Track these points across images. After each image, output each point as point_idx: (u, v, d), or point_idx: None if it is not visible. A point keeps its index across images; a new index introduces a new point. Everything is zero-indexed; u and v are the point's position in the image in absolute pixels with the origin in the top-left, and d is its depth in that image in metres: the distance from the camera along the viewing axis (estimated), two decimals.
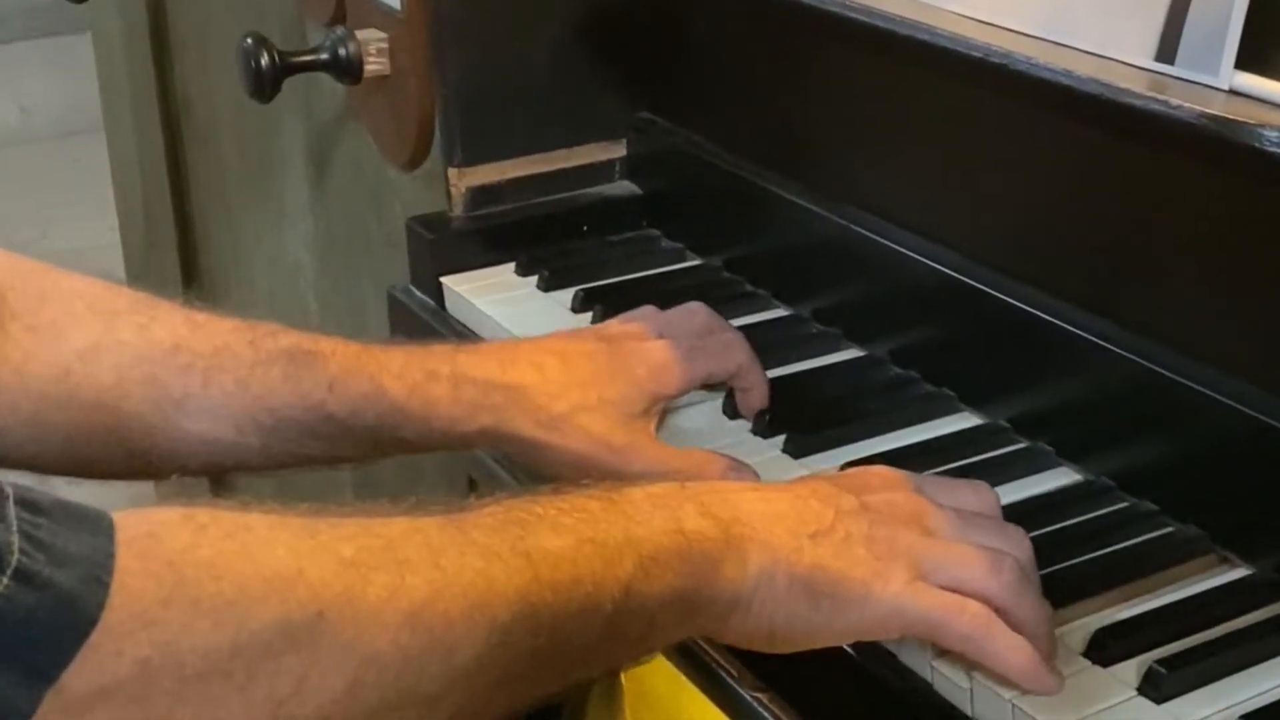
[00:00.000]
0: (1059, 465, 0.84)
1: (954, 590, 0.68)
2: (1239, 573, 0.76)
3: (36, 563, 0.52)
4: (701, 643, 0.83)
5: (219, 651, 0.55)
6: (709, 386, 0.91)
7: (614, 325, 0.91)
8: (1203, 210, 0.75)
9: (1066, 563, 0.76)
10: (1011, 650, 0.67)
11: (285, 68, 1.16)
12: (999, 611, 0.68)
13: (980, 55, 0.74)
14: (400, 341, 0.87)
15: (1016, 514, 0.80)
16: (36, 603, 0.51)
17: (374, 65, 1.16)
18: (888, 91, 0.92)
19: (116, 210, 2.04)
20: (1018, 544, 0.71)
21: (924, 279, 0.91)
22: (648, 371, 0.86)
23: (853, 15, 0.82)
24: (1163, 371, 0.78)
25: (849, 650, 0.74)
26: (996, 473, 0.83)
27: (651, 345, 0.87)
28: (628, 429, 0.84)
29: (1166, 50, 0.68)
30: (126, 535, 0.55)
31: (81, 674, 0.52)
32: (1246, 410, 0.74)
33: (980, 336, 0.88)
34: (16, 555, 0.52)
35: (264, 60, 1.15)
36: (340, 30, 1.17)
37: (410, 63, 1.14)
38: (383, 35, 1.16)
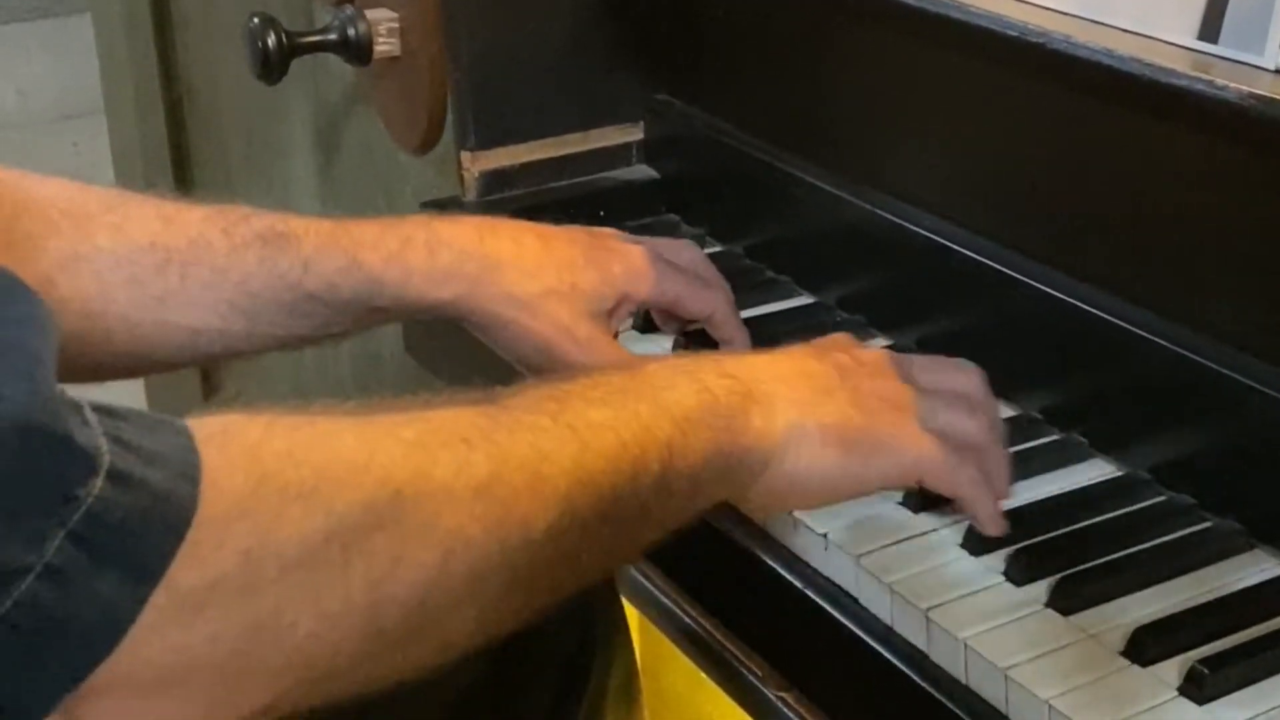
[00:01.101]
0: (1093, 458, 0.83)
1: (943, 431, 0.75)
2: None
3: (128, 463, 0.52)
4: (724, 641, 0.83)
5: (313, 536, 0.56)
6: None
7: (602, 228, 0.94)
8: (1247, 195, 0.74)
9: (1103, 559, 0.75)
10: (989, 504, 0.76)
11: (293, 49, 1.17)
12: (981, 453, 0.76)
13: (1016, 34, 0.73)
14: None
15: (1050, 507, 0.80)
16: (134, 502, 0.52)
17: (384, 46, 1.16)
18: (916, 71, 0.92)
19: None
20: (971, 374, 0.79)
21: (952, 265, 0.90)
22: (623, 270, 0.88)
23: None
24: (1201, 361, 0.77)
25: (878, 648, 0.74)
26: (1029, 465, 0.83)
27: (633, 249, 0.90)
28: (593, 322, 0.87)
29: (1210, 29, 0.67)
30: (203, 434, 0.56)
31: (188, 569, 0.53)
32: None
33: (1011, 325, 0.88)
34: (108, 456, 0.52)
35: (271, 41, 1.16)
36: (349, 10, 1.17)
37: (422, 43, 1.14)
38: (393, 15, 1.16)
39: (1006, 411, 0.88)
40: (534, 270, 0.86)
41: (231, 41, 1.40)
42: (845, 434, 0.72)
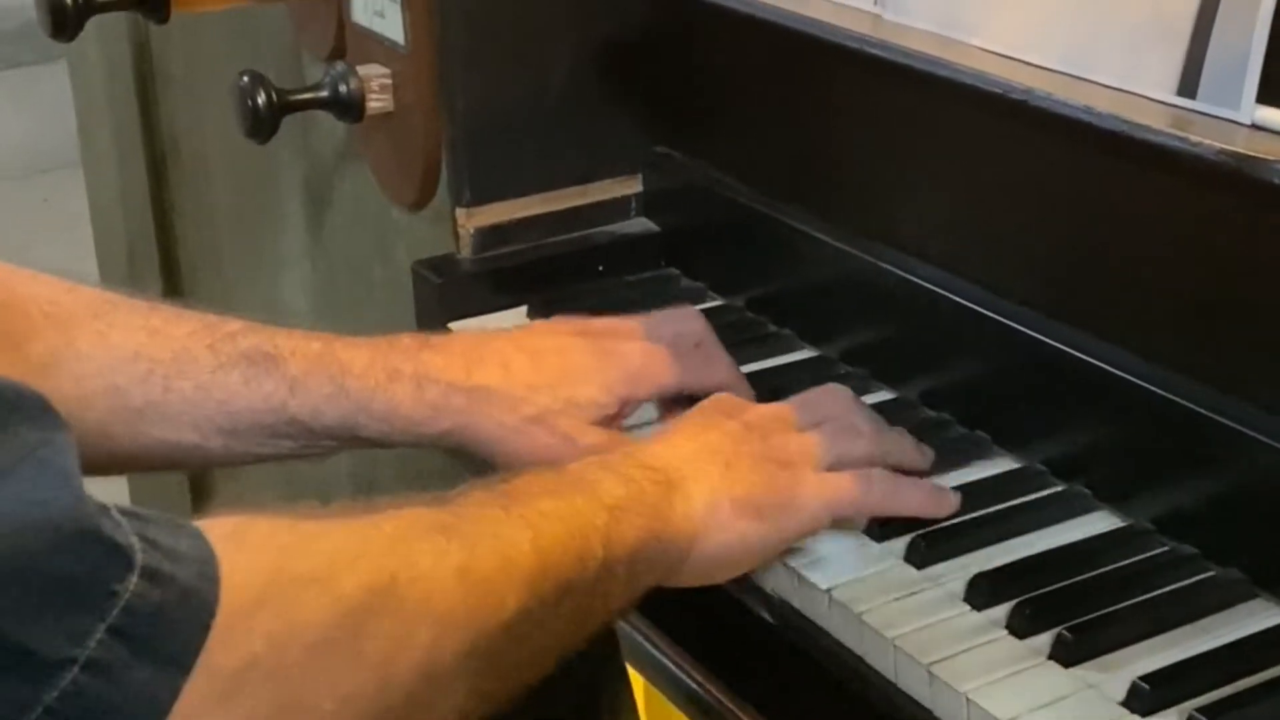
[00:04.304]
0: (1097, 509, 0.90)
1: (842, 461, 0.86)
2: None
3: (157, 560, 0.59)
4: (730, 704, 0.89)
5: (329, 618, 0.64)
6: None
7: (599, 320, 0.98)
8: (1235, 247, 0.81)
9: (1106, 609, 0.81)
10: (916, 494, 0.88)
11: (283, 106, 1.22)
12: (881, 456, 0.88)
13: (1000, 91, 0.80)
14: (363, 339, 0.95)
15: (1053, 559, 0.86)
16: (165, 596, 0.59)
17: (377, 102, 1.21)
18: (912, 125, 0.98)
19: (96, 255, 2.10)
20: (843, 395, 0.92)
21: (955, 317, 0.96)
22: (621, 376, 0.94)
23: (872, 50, 0.89)
24: (1201, 411, 0.83)
25: (881, 704, 0.81)
26: (1033, 517, 0.89)
27: (631, 347, 0.95)
28: (596, 431, 0.92)
29: (1188, 84, 0.74)
30: (217, 533, 0.63)
31: (224, 654, 0.60)
32: None
33: (1014, 377, 0.94)
34: (140, 554, 0.59)
35: (261, 99, 1.21)
36: (341, 66, 1.22)
37: (415, 99, 1.19)
38: (385, 71, 1.21)
39: (1010, 463, 0.95)
40: (525, 395, 0.92)
41: (217, 95, 1.46)
42: (753, 500, 0.83)
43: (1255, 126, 0.72)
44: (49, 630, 0.56)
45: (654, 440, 0.86)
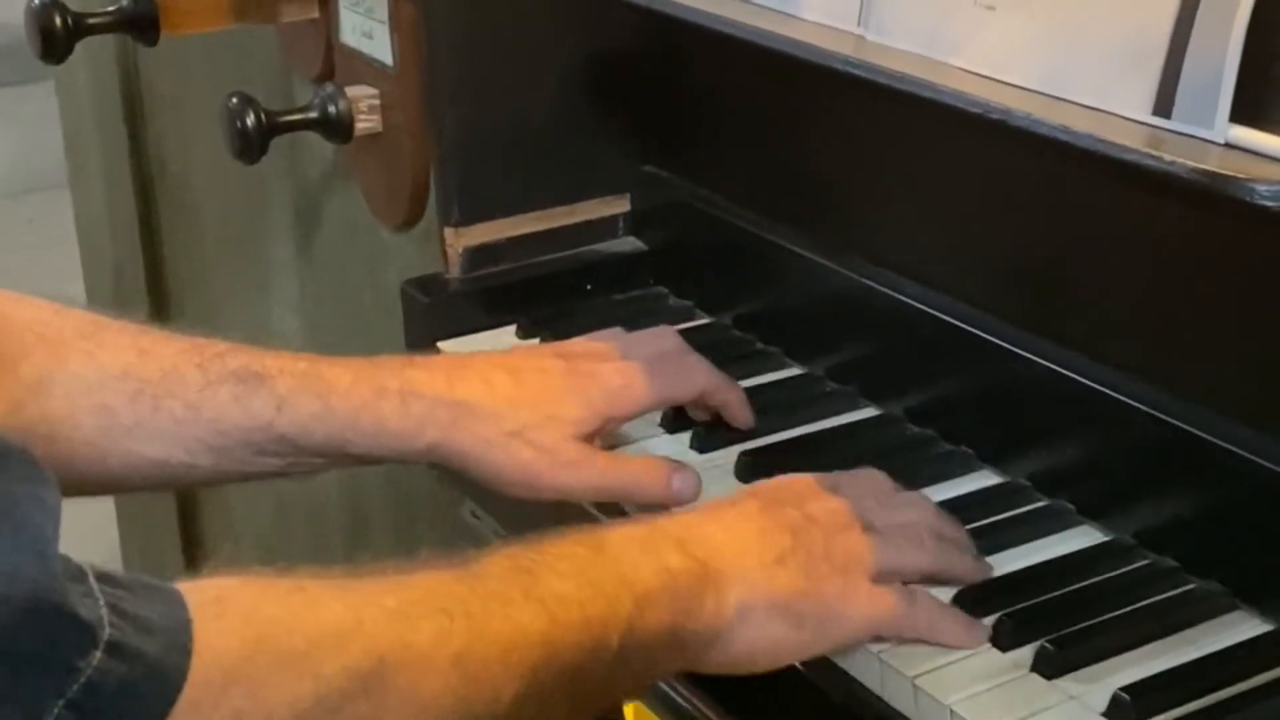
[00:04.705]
0: (1080, 523, 0.92)
1: (898, 573, 0.84)
2: (1262, 629, 0.83)
3: (125, 634, 0.61)
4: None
5: (303, 701, 0.65)
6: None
7: (576, 343, 1.01)
8: (1211, 264, 0.83)
9: (1088, 622, 0.83)
10: (953, 630, 0.83)
11: (272, 128, 1.24)
12: (939, 573, 0.85)
13: (980, 111, 0.83)
14: (348, 358, 0.96)
15: (1037, 573, 0.88)
16: (128, 672, 0.60)
17: (365, 123, 1.24)
18: (897, 144, 1.01)
19: (83, 276, 2.11)
20: (921, 506, 0.88)
21: (939, 334, 0.99)
22: (601, 394, 0.95)
23: (855, 71, 0.91)
24: (1182, 426, 0.85)
25: (874, 691, 0.83)
26: (1017, 532, 0.91)
27: (609, 367, 0.97)
28: (577, 446, 0.94)
29: (1163, 104, 0.77)
30: (198, 600, 0.64)
31: None
32: (1269, 465, 0.81)
33: (998, 393, 0.96)
34: (107, 629, 0.60)
35: (250, 120, 1.23)
36: (329, 87, 1.24)
37: (403, 119, 1.22)
38: (374, 91, 1.24)
39: (994, 478, 0.97)
40: (506, 410, 0.93)
41: (205, 117, 1.48)
42: (794, 607, 0.81)
43: (1229, 145, 0.74)
44: (5, 704, 0.58)
45: (709, 516, 0.85)
